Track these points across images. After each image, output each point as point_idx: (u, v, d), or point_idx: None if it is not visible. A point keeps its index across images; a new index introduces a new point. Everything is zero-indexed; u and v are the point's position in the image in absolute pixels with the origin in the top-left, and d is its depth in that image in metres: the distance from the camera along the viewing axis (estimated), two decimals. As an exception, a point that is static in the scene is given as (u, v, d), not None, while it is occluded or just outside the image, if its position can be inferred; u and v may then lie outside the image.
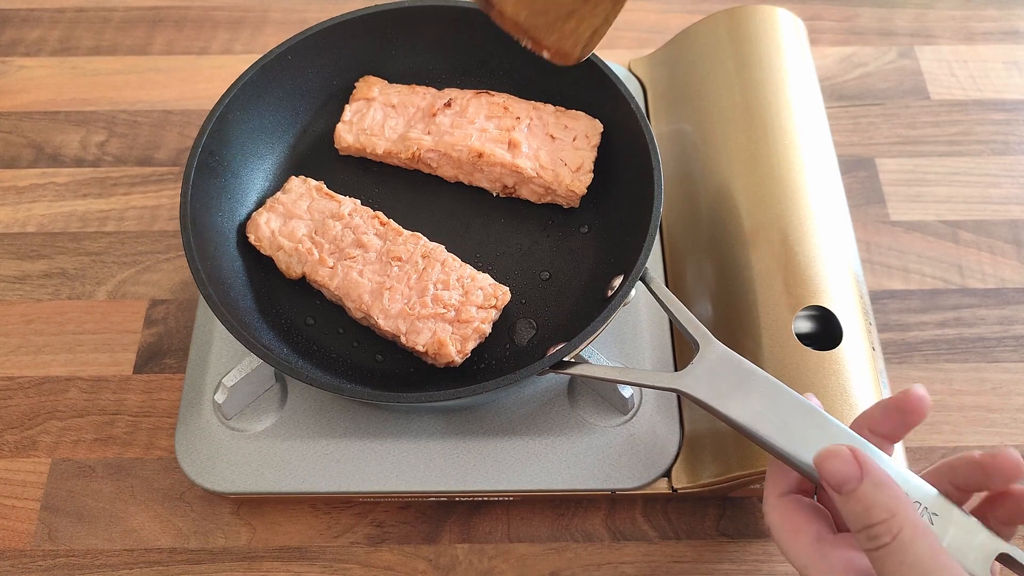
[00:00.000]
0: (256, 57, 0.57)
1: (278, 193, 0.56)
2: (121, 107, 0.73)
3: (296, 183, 0.57)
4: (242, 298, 0.52)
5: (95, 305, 0.63)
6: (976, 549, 0.35)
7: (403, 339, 0.50)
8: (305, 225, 0.54)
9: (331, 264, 0.53)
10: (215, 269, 0.51)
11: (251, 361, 0.51)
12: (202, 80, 0.75)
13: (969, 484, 0.37)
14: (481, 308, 0.51)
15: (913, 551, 0.33)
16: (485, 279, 0.52)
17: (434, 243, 0.53)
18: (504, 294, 0.52)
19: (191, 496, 0.56)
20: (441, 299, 0.51)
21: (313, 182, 0.57)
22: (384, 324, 0.51)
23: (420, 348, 0.50)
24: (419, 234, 0.54)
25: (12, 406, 0.59)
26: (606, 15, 0.46)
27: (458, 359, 0.50)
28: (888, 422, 0.38)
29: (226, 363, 0.54)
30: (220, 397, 0.51)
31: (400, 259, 0.52)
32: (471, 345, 0.51)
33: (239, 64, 0.73)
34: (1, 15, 0.79)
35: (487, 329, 0.51)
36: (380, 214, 0.55)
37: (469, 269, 0.52)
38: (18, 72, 0.75)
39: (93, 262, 0.65)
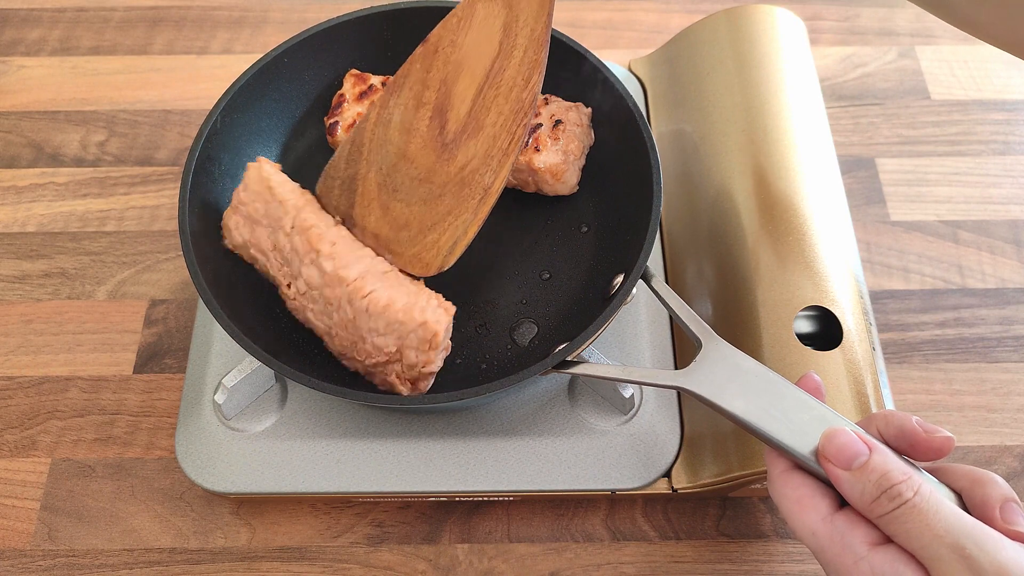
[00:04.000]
0: (256, 57, 0.57)
1: (239, 187, 0.49)
2: (121, 107, 0.73)
3: (252, 176, 0.49)
4: (242, 300, 0.52)
5: (95, 305, 0.63)
6: None
7: (366, 379, 0.49)
8: (267, 234, 0.48)
9: (292, 296, 0.49)
10: (215, 272, 0.51)
11: (251, 362, 0.51)
12: (202, 80, 0.75)
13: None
14: (419, 351, 0.45)
15: (934, 500, 0.34)
16: (411, 319, 0.45)
17: (356, 276, 0.46)
18: (434, 336, 0.45)
19: (191, 496, 0.56)
20: (380, 347, 0.46)
21: (267, 170, 0.49)
22: (347, 364, 0.49)
23: (381, 390, 0.48)
24: (343, 272, 0.46)
25: (12, 406, 0.59)
26: (466, 227, 0.48)
27: (418, 393, 0.48)
28: (899, 441, 0.38)
29: (226, 363, 0.54)
30: (220, 397, 0.51)
31: (331, 304, 0.47)
32: (425, 384, 0.47)
33: (239, 64, 0.73)
34: (1, 15, 0.79)
35: (435, 367, 0.47)
36: (311, 235, 0.47)
37: (400, 304, 0.45)
38: (18, 72, 0.75)
39: (93, 262, 0.65)
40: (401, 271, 0.49)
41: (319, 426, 0.52)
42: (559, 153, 0.55)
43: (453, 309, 0.46)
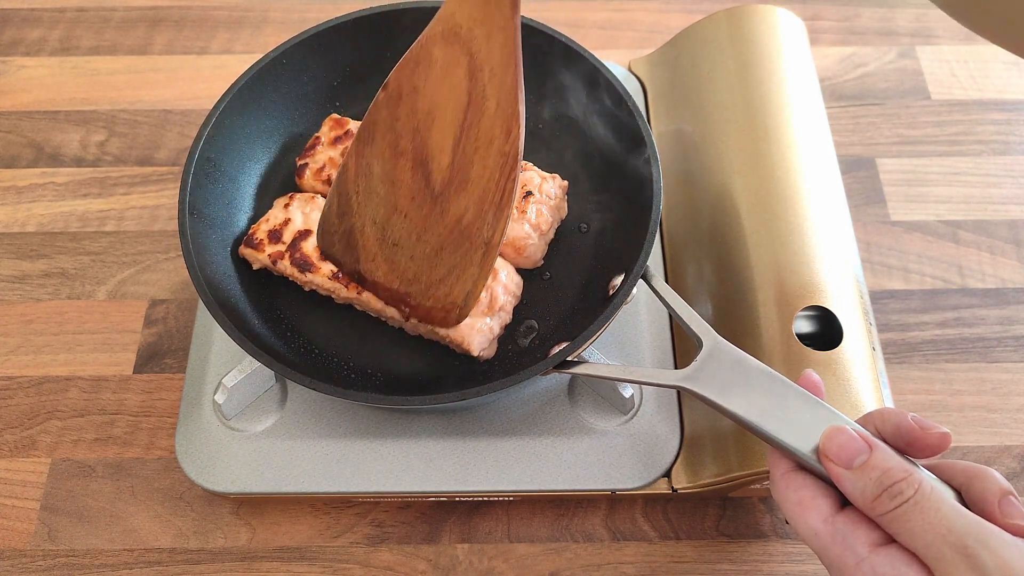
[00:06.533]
0: (256, 57, 0.57)
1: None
2: (121, 107, 0.73)
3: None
4: (242, 301, 0.52)
5: (95, 305, 0.63)
6: None
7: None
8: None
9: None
10: (215, 273, 0.51)
11: (251, 362, 0.51)
12: (202, 80, 0.75)
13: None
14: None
15: (935, 498, 0.34)
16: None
17: None
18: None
19: (191, 496, 0.56)
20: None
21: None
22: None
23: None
24: None
25: (12, 406, 0.59)
26: (474, 281, 0.48)
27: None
28: (896, 439, 0.38)
29: (226, 363, 0.54)
30: (220, 397, 0.51)
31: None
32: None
33: (239, 64, 0.74)
34: (1, 15, 0.79)
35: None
36: None
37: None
38: (18, 72, 0.75)
39: (93, 262, 0.65)
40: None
41: (319, 426, 0.52)
42: (524, 226, 0.53)
43: None
